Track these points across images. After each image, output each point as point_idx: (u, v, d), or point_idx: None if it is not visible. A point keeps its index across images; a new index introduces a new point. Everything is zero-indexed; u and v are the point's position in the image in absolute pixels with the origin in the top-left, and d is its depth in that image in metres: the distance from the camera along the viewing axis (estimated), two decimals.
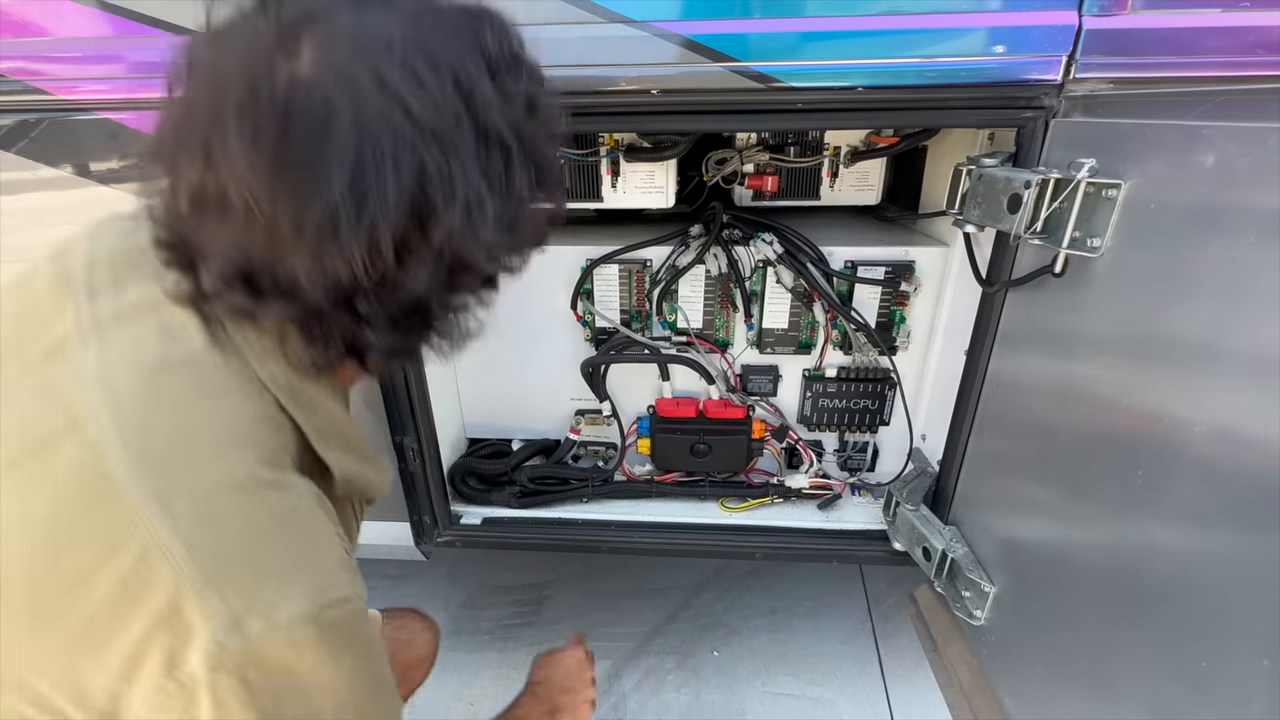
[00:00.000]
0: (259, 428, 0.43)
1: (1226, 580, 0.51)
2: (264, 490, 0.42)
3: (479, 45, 0.41)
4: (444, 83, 0.38)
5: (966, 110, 0.83)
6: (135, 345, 0.42)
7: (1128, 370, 0.64)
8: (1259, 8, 0.70)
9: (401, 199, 0.38)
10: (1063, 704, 0.73)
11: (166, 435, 0.40)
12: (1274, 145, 0.47)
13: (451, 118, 0.38)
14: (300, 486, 0.44)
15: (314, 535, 0.43)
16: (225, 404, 0.42)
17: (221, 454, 0.41)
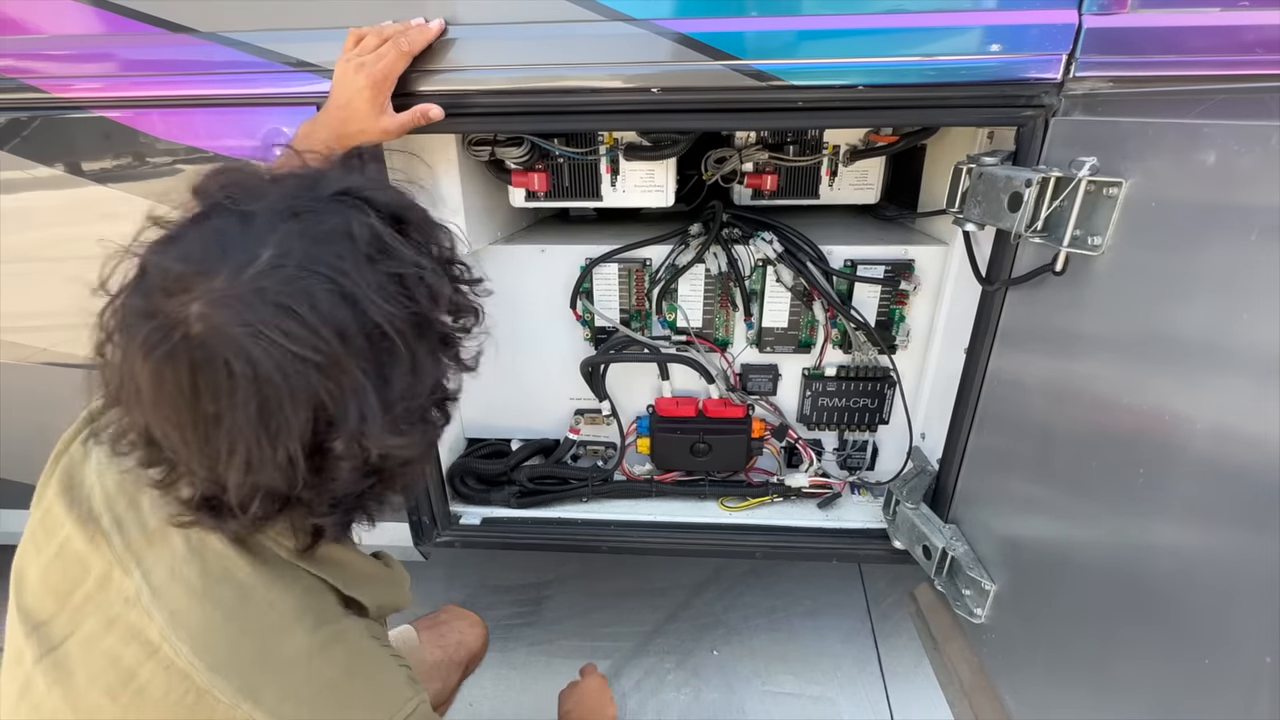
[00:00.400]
0: (304, 598, 0.51)
1: (1229, 578, 0.52)
2: (327, 649, 0.50)
3: (351, 242, 0.45)
4: (318, 303, 0.42)
5: (967, 109, 0.83)
6: (173, 565, 0.49)
7: (1129, 368, 0.64)
8: (1257, 7, 0.70)
9: (304, 426, 0.43)
10: (1064, 702, 0.73)
11: (234, 638, 0.48)
12: (1275, 143, 0.47)
13: (335, 340, 0.42)
14: (353, 630, 0.53)
15: (376, 667, 0.52)
16: (270, 593, 0.50)
17: (283, 635, 0.49)
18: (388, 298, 0.45)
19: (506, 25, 0.83)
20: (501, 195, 1.16)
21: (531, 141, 1.05)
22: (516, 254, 1.18)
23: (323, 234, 0.45)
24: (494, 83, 0.85)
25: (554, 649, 1.49)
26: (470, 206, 1.08)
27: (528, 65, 0.84)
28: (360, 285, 0.44)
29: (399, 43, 0.79)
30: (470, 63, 0.84)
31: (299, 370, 0.42)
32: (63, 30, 0.88)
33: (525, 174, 1.08)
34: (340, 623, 0.52)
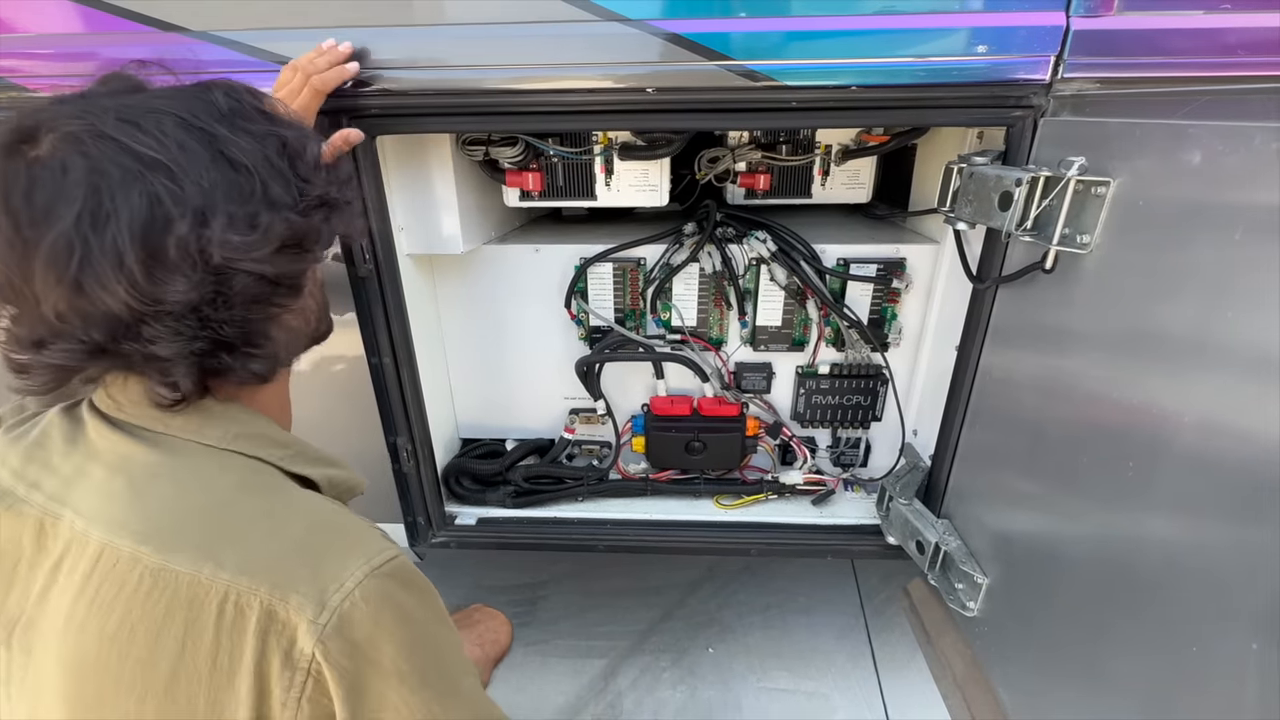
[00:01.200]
0: (246, 476, 0.52)
1: (1215, 568, 0.53)
2: (285, 509, 0.51)
3: (209, 102, 0.49)
4: (165, 125, 0.45)
5: (957, 109, 0.84)
6: (100, 489, 0.50)
7: (1117, 364, 0.65)
8: (1240, 9, 0.72)
9: (134, 219, 0.43)
10: (1056, 692, 0.75)
11: (179, 521, 0.49)
12: (1259, 143, 0.48)
13: (176, 149, 0.45)
14: (310, 496, 0.54)
15: (342, 520, 0.53)
16: (205, 478, 0.51)
17: (232, 506, 0.50)
18: (243, 139, 0.48)
19: (501, 25, 0.83)
20: (496, 195, 1.16)
21: (526, 141, 1.05)
22: (511, 254, 1.18)
23: (182, 91, 0.50)
24: (488, 82, 0.85)
25: (549, 649, 1.49)
26: (464, 206, 1.07)
27: (522, 65, 0.84)
28: (213, 127, 0.47)
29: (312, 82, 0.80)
30: (464, 62, 0.84)
31: (134, 167, 0.43)
32: (52, 29, 0.87)
33: (519, 173, 1.08)
34: (292, 491, 0.53)
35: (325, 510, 0.53)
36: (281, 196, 0.50)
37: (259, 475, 0.53)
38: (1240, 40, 0.71)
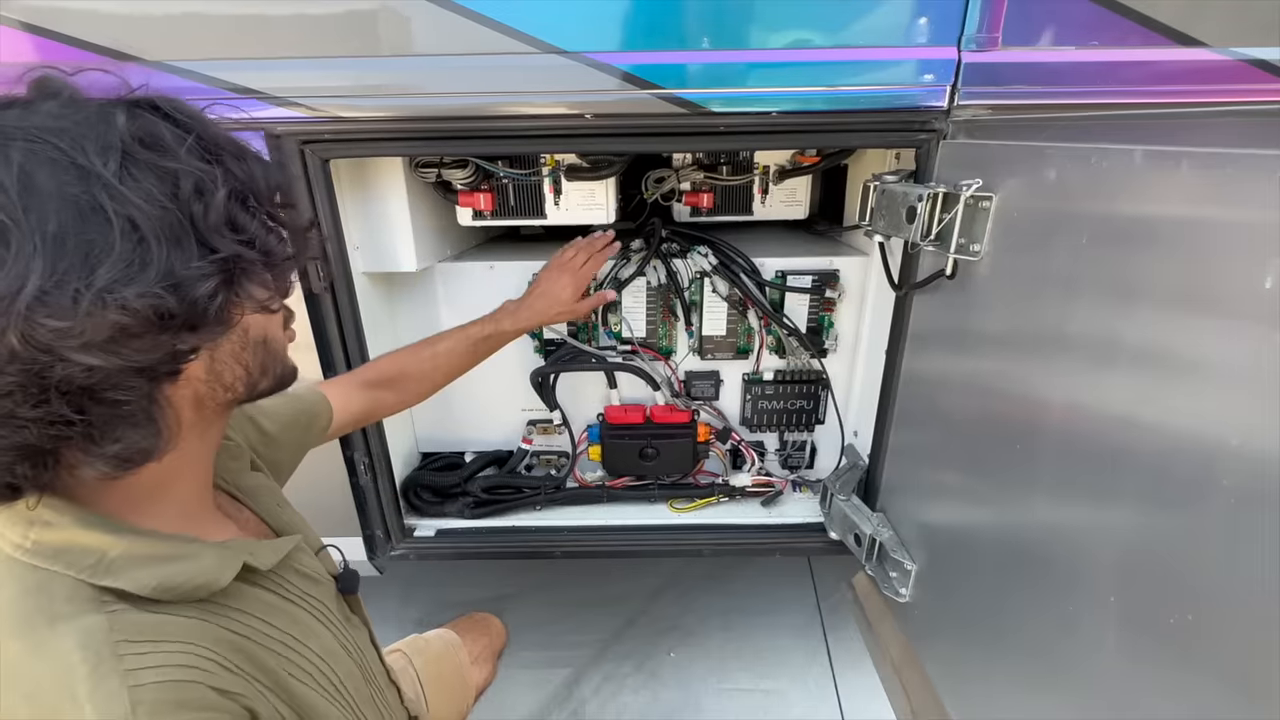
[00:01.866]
0: (18, 600, 0.42)
1: (1083, 536, 0.60)
2: (12, 671, 0.40)
3: (109, 125, 0.40)
4: (11, 154, 0.37)
5: (870, 133, 0.93)
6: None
7: (1004, 359, 0.73)
8: (1106, 46, 0.82)
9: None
10: (969, 660, 0.81)
11: None
12: (1093, 162, 0.56)
13: (16, 191, 0.36)
14: (62, 641, 0.40)
15: (72, 697, 0.39)
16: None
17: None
18: (130, 182, 0.39)
19: (448, 56, 0.88)
20: (450, 215, 1.21)
21: (476, 163, 1.10)
22: (466, 270, 1.23)
23: (69, 113, 0.40)
24: (437, 109, 0.90)
25: (513, 661, 1.49)
26: (419, 225, 1.12)
27: (468, 93, 0.89)
28: (92, 161, 0.38)
29: (596, 257, 1.10)
30: (415, 89, 0.89)
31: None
32: (3, 57, 0.89)
33: (471, 194, 1.13)
34: (58, 628, 0.41)
35: (66, 672, 0.39)
36: (158, 262, 0.39)
37: (34, 599, 0.42)
38: (1103, 72, 0.81)
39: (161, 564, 0.45)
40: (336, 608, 0.63)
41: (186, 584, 0.46)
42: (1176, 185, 0.49)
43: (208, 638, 0.45)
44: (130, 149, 0.40)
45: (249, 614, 0.50)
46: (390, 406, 0.98)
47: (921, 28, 0.84)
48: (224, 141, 0.46)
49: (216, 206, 0.42)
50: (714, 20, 0.86)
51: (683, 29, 0.86)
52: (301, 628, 0.54)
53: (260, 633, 0.50)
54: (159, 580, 0.44)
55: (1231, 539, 0.45)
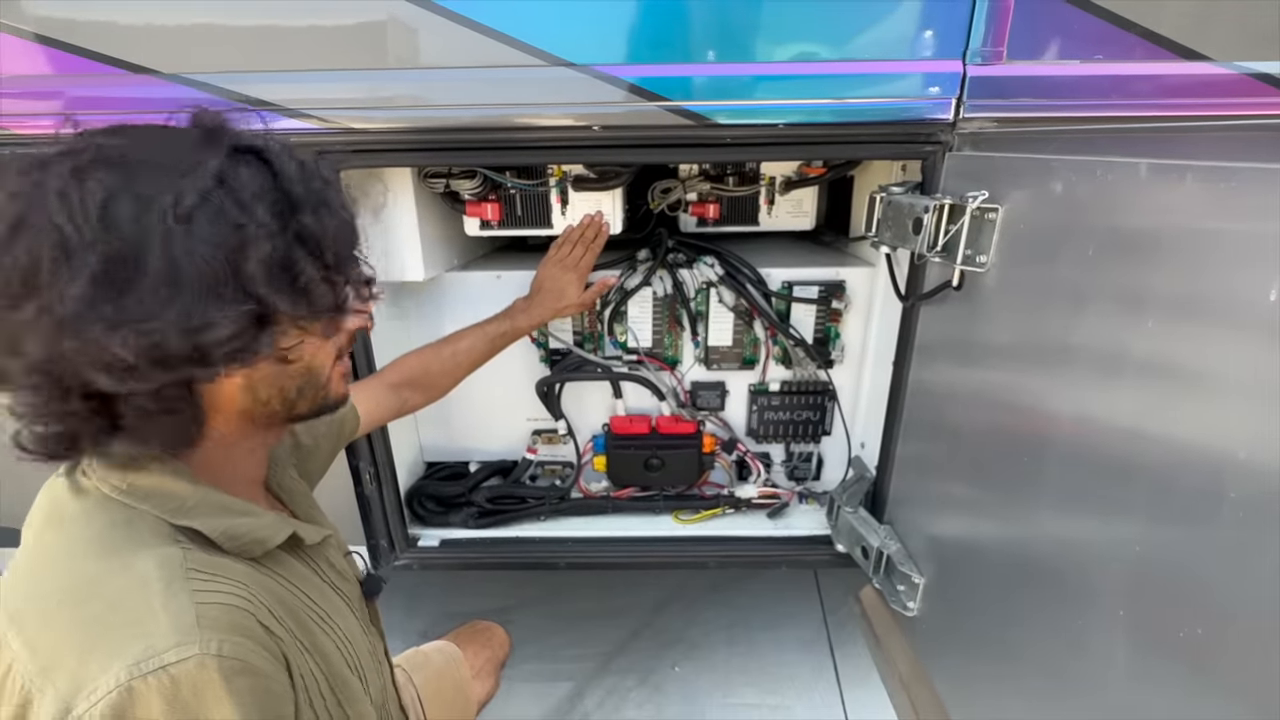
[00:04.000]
0: (107, 531, 0.48)
1: (1093, 550, 0.59)
2: (98, 582, 0.45)
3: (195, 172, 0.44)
4: (95, 195, 0.42)
5: (876, 144, 0.93)
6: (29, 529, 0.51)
7: (1012, 369, 0.72)
8: (1110, 60, 0.83)
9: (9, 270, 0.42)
10: (978, 674, 0.80)
11: (24, 576, 0.48)
12: (1100, 175, 0.56)
13: (95, 220, 0.41)
14: (157, 560, 0.46)
15: (149, 605, 0.44)
16: (75, 528, 0.48)
17: (62, 566, 0.47)
18: (191, 227, 0.43)
19: (458, 69, 0.89)
20: (457, 224, 1.22)
21: (483, 174, 1.11)
22: (473, 280, 1.24)
23: (178, 153, 0.46)
24: (446, 120, 0.91)
25: (515, 674, 1.48)
26: (426, 235, 1.13)
27: (478, 105, 0.90)
28: (166, 202, 0.43)
29: (591, 248, 1.12)
30: (424, 101, 0.91)
31: (32, 219, 0.41)
32: (20, 70, 0.91)
33: (479, 204, 1.14)
34: (141, 553, 0.46)
35: (146, 584, 0.45)
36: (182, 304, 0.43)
37: (123, 529, 0.48)
38: (1107, 85, 0.81)
39: (229, 515, 0.52)
40: (360, 610, 0.67)
41: (246, 535, 0.52)
42: (1182, 198, 0.49)
43: (259, 585, 0.50)
44: (208, 194, 0.44)
45: (292, 582, 0.55)
46: (416, 405, 1.03)
47: (927, 41, 0.85)
48: (302, 192, 0.49)
49: (262, 261, 0.46)
50: (721, 33, 0.87)
51: (690, 42, 0.87)
52: (331, 606, 0.59)
53: (299, 597, 0.55)
54: (225, 528, 0.51)
55: (1240, 552, 0.44)
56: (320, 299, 0.50)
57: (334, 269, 0.51)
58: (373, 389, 0.96)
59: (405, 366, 1.00)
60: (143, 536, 0.48)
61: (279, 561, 0.55)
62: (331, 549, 0.65)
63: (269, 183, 0.48)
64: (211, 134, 0.48)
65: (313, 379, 0.55)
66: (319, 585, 0.60)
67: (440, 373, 1.03)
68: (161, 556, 0.46)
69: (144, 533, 0.48)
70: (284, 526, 0.56)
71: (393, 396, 0.97)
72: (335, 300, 0.52)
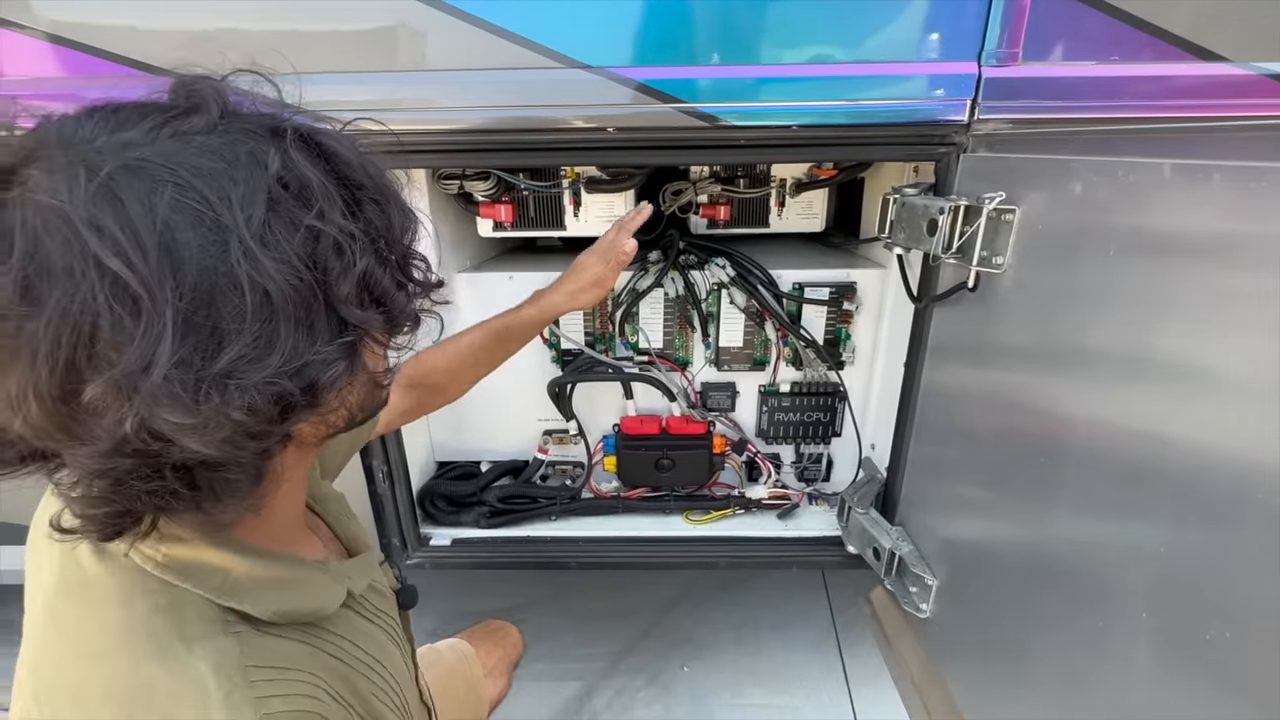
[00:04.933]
0: (150, 618, 0.42)
1: (1112, 552, 0.59)
2: (149, 688, 0.40)
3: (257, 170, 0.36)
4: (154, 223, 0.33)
5: (890, 146, 0.93)
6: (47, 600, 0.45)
7: (1028, 371, 0.72)
8: (1126, 61, 0.82)
9: (54, 338, 0.32)
10: (994, 678, 0.80)
11: (59, 664, 0.42)
12: (1122, 176, 0.56)
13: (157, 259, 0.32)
14: (196, 662, 0.40)
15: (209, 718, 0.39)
16: (107, 611, 0.42)
17: (103, 663, 0.41)
18: (269, 247, 0.35)
19: (472, 71, 0.90)
20: (470, 226, 1.22)
21: (497, 175, 1.12)
22: (486, 281, 1.24)
23: (220, 148, 0.36)
24: (461, 122, 0.91)
25: (525, 673, 1.48)
26: (441, 236, 1.13)
27: (493, 106, 0.91)
28: (235, 218, 0.34)
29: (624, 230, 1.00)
30: (439, 103, 0.91)
31: (82, 267, 0.31)
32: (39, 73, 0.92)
33: (492, 206, 1.15)
34: (193, 650, 0.40)
35: (202, 693, 0.39)
36: (284, 342, 0.36)
37: (167, 616, 0.41)
38: (1124, 87, 0.81)
39: (279, 589, 0.46)
40: (398, 628, 0.63)
41: (299, 610, 0.47)
42: (1209, 199, 0.49)
43: (319, 666, 0.46)
44: (277, 198, 0.36)
45: (343, 637, 0.51)
46: (432, 405, 0.99)
47: (942, 43, 0.85)
48: (366, 182, 0.42)
49: (353, 275, 0.38)
50: (735, 35, 0.87)
51: (705, 44, 0.87)
52: (381, 650, 0.55)
53: (353, 657, 0.51)
54: (278, 606, 0.45)
55: (1269, 554, 0.44)
56: (400, 311, 0.43)
57: (405, 273, 0.44)
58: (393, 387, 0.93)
59: (416, 366, 0.97)
60: (191, 626, 0.42)
61: (330, 618, 0.50)
62: (373, 568, 0.61)
63: (331, 174, 0.40)
64: (231, 110, 0.39)
65: (373, 388, 0.48)
66: (367, 630, 0.55)
67: (446, 370, 0.97)
68: (216, 652, 0.41)
69: (191, 620, 0.42)
70: (336, 588, 0.51)
71: (408, 397, 0.95)
72: (414, 310, 0.45)
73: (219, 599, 0.43)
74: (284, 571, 0.47)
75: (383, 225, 0.42)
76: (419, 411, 0.98)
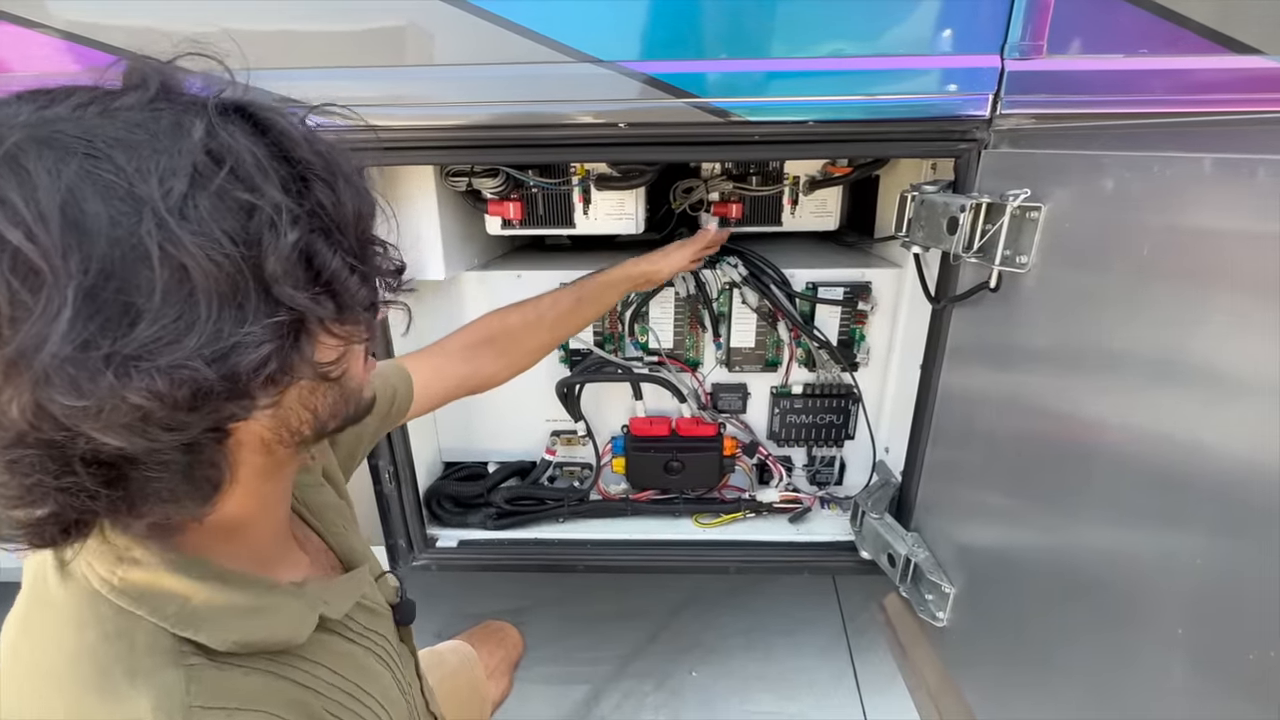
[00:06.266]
0: (98, 646, 0.39)
1: (1145, 563, 0.56)
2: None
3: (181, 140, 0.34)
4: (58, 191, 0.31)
5: (908, 142, 0.91)
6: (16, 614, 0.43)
7: (1053, 375, 0.70)
8: (1155, 54, 0.80)
9: None
10: (1015, 690, 0.77)
11: (17, 680, 0.40)
12: (1158, 171, 0.54)
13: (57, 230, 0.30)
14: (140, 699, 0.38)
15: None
16: (62, 633, 0.40)
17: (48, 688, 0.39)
18: (190, 220, 0.32)
19: (481, 66, 0.88)
20: (479, 223, 1.21)
21: (506, 172, 1.10)
22: (494, 279, 1.23)
23: (145, 121, 0.34)
24: (470, 118, 0.90)
25: (531, 675, 1.47)
26: (448, 234, 1.12)
27: (502, 101, 0.89)
28: (152, 189, 0.32)
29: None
30: (447, 99, 0.90)
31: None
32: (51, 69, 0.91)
33: (501, 203, 1.13)
34: (136, 685, 0.38)
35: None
36: (204, 323, 0.33)
37: (117, 644, 0.39)
38: (1156, 80, 0.78)
39: (241, 618, 0.43)
40: (393, 639, 0.60)
41: (263, 643, 0.44)
42: (1252, 194, 0.47)
43: (278, 701, 0.43)
44: (202, 171, 0.33)
45: (317, 663, 0.48)
46: (492, 372, 0.91)
47: (963, 36, 0.83)
48: (314, 160, 0.39)
49: (284, 250, 0.35)
50: (750, 28, 0.85)
51: (719, 37, 0.85)
52: (364, 673, 0.52)
53: (326, 683, 0.48)
54: (239, 636, 0.42)
55: None
56: (351, 296, 0.40)
57: (360, 257, 0.41)
58: (437, 357, 0.85)
59: (481, 325, 0.90)
60: (139, 658, 0.39)
61: (302, 644, 0.47)
62: (363, 584, 0.57)
63: (271, 149, 0.37)
64: (171, 89, 0.36)
65: (345, 389, 0.45)
66: (348, 653, 0.52)
67: (523, 325, 0.91)
68: (160, 688, 0.38)
69: (141, 650, 0.39)
70: (308, 615, 0.47)
71: (461, 363, 0.86)
72: (368, 296, 0.42)
73: (174, 628, 0.40)
74: (250, 599, 0.44)
75: (331, 204, 0.39)
76: (473, 382, 0.90)
